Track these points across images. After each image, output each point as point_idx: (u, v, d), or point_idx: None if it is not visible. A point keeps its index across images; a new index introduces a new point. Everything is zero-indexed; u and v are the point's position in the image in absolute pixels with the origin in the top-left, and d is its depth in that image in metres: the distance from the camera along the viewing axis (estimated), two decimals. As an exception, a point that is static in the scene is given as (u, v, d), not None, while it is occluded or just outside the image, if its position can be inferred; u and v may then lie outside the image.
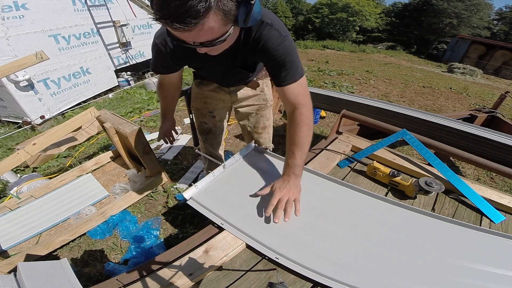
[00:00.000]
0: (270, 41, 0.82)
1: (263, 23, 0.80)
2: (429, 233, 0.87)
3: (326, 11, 23.09)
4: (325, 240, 0.84)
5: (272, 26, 0.81)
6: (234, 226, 0.88)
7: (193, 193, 1.00)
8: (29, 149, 1.62)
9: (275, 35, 0.81)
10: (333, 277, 0.73)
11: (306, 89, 0.94)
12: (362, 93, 5.23)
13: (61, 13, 3.68)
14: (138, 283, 0.76)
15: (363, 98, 2.14)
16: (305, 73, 0.94)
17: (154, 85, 4.79)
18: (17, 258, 1.45)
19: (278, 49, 0.83)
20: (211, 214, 0.93)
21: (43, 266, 0.76)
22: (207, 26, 0.56)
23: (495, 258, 0.80)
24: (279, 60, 0.85)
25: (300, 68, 0.90)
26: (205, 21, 0.54)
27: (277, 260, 0.77)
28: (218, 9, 0.54)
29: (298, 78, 0.89)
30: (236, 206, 0.95)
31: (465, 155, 1.28)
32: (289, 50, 0.84)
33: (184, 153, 2.76)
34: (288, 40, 0.84)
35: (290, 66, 0.86)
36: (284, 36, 0.83)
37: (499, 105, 2.32)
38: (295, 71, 0.87)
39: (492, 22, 23.37)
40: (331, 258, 0.78)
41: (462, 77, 9.61)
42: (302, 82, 0.91)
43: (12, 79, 3.13)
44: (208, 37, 0.61)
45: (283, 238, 0.84)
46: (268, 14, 0.82)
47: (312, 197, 1.00)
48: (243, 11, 0.59)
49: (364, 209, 0.96)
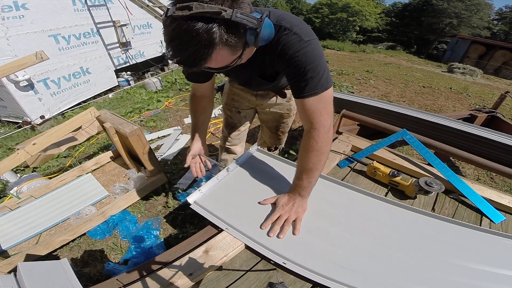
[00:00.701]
0: (288, 47, 0.74)
1: (280, 28, 0.74)
2: (429, 233, 0.87)
3: (326, 11, 23.09)
4: (325, 241, 0.84)
5: (290, 30, 0.73)
6: (238, 231, 0.88)
7: (197, 197, 1.00)
8: (29, 149, 1.62)
9: (293, 40, 0.73)
10: (333, 277, 0.73)
11: (328, 106, 0.81)
12: (362, 93, 5.23)
13: (61, 13, 3.68)
14: (138, 283, 0.76)
15: (363, 98, 2.14)
16: (332, 86, 0.80)
17: (154, 85, 4.79)
18: (17, 258, 1.45)
19: (296, 56, 0.74)
20: (216, 218, 0.92)
21: (43, 266, 0.76)
22: (216, 60, 0.60)
23: (495, 258, 0.80)
24: (297, 68, 0.75)
25: (325, 80, 0.77)
26: (213, 58, 0.59)
27: (285, 265, 0.76)
28: (224, 45, 0.57)
29: (320, 91, 0.77)
30: (240, 210, 0.95)
31: (465, 155, 1.28)
32: (311, 57, 0.74)
33: (184, 153, 2.75)
34: (311, 45, 0.74)
35: (311, 76, 0.75)
36: (305, 41, 0.73)
37: (499, 105, 2.32)
38: (317, 82, 0.76)
39: (492, 22, 23.38)
40: (331, 258, 0.78)
41: (462, 77, 9.61)
42: (324, 97, 0.78)
43: (12, 79, 3.13)
44: (220, 65, 0.65)
45: (283, 240, 0.84)
46: (287, 17, 0.77)
47: (311, 197, 1.00)
48: (250, 38, 0.61)
49: (364, 209, 0.96)
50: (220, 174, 1.10)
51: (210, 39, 0.53)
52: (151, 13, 3.66)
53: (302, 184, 0.88)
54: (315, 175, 0.87)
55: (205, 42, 0.53)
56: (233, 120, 1.44)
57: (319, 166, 0.86)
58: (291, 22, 0.75)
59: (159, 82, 4.87)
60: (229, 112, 1.42)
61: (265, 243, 0.82)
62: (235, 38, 0.58)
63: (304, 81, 0.76)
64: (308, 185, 0.89)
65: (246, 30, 0.59)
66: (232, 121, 1.44)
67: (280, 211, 0.88)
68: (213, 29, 0.53)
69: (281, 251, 0.80)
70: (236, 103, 1.37)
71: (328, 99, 0.80)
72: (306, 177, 0.87)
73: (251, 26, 0.58)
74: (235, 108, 1.39)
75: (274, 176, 1.09)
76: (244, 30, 0.59)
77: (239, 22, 0.55)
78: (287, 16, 0.77)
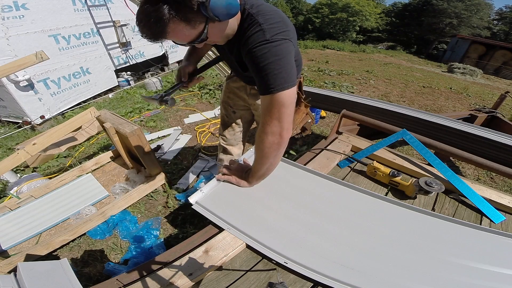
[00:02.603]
0: (251, 40, 0.76)
1: (253, 21, 0.76)
2: (430, 232, 0.87)
3: (326, 11, 23.09)
4: (326, 240, 0.84)
5: (261, 25, 0.74)
6: (239, 230, 0.88)
7: (199, 198, 1.00)
8: (29, 149, 1.62)
9: (258, 35, 0.74)
10: (334, 276, 0.73)
11: (282, 110, 0.76)
12: (362, 93, 5.23)
13: (61, 13, 3.68)
14: (138, 283, 0.76)
15: (363, 98, 2.14)
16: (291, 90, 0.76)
17: (154, 85, 4.79)
18: (17, 258, 1.45)
19: (255, 51, 0.74)
20: (217, 218, 0.92)
21: (43, 266, 0.76)
22: (175, 34, 0.68)
23: (496, 257, 0.80)
24: (254, 62, 0.76)
25: (282, 81, 0.74)
26: (170, 33, 0.66)
27: (286, 264, 0.77)
28: (178, 20, 0.64)
29: (275, 91, 0.74)
30: (241, 210, 0.95)
31: (465, 155, 1.28)
32: (269, 56, 0.73)
33: (184, 153, 2.75)
34: (274, 45, 0.73)
35: (266, 74, 0.74)
36: (268, 38, 0.73)
37: (499, 105, 2.32)
38: (271, 82, 0.74)
39: (492, 22, 23.35)
40: (332, 257, 0.78)
41: (462, 77, 9.61)
42: (277, 100, 0.75)
43: (12, 79, 3.13)
44: (185, 39, 0.71)
45: (284, 239, 0.84)
46: (267, 12, 0.78)
47: (312, 197, 1.00)
48: (206, 12, 0.65)
49: (364, 209, 0.96)
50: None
51: (158, 16, 0.62)
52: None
53: (252, 173, 0.99)
54: (259, 175, 0.97)
55: (155, 19, 0.62)
56: (228, 120, 1.45)
57: (263, 169, 0.93)
58: (267, 19, 0.76)
59: (159, 82, 4.87)
60: (224, 110, 1.44)
61: (267, 243, 0.82)
62: (190, 14, 0.64)
63: (260, 78, 0.77)
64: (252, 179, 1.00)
65: (199, 5, 0.63)
66: (228, 120, 1.45)
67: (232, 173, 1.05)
68: (160, 8, 0.61)
69: (283, 250, 0.80)
70: (231, 101, 1.38)
71: (284, 103, 0.76)
72: (252, 173, 0.98)
73: (201, 1, 0.62)
74: (231, 107, 1.40)
75: (274, 176, 1.09)
76: (197, 5, 0.63)
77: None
78: (268, 11, 0.78)
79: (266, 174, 0.98)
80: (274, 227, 0.88)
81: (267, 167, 0.92)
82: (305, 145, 2.83)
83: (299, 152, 2.63)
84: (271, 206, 0.96)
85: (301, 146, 2.81)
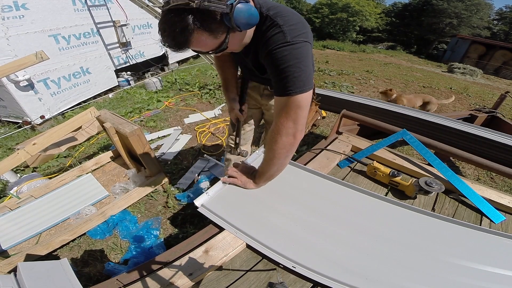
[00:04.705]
0: (271, 42, 0.76)
1: (273, 22, 0.76)
2: (429, 232, 0.87)
3: (326, 11, 23.06)
4: (325, 240, 0.84)
5: (281, 27, 0.75)
6: (243, 232, 0.87)
7: (204, 201, 0.99)
8: (29, 149, 1.62)
9: (279, 37, 0.75)
10: (333, 277, 0.73)
11: (298, 112, 0.78)
12: (362, 93, 5.23)
13: (61, 13, 3.67)
14: (138, 283, 0.76)
15: (363, 98, 2.14)
16: (308, 93, 0.77)
17: (154, 85, 4.78)
18: (17, 258, 1.45)
19: (275, 52, 0.75)
20: (224, 222, 0.91)
21: (43, 266, 0.76)
22: (198, 44, 0.69)
23: (496, 257, 0.80)
24: (274, 64, 0.76)
25: (301, 84, 0.75)
26: (194, 42, 0.68)
27: (294, 268, 0.76)
28: (201, 31, 0.66)
29: (293, 94, 0.75)
30: (248, 214, 0.94)
31: (465, 155, 1.28)
32: (290, 58, 0.74)
33: (184, 153, 2.75)
34: (295, 47, 0.74)
35: (286, 76, 0.75)
36: (289, 42, 0.73)
37: (499, 105, 2.32)
38: (290, 84, 0.75)
39: (492, 22, 23.34)
40: (331, 257, 0.78)
41: (462, 77, 9.60)
42: (294, 102, 0.77)
43: (12, 79, 3.13)
44: (208, 48, 0.73)
45: (284, 239, 0.84)
46: (286, 14, 0.78)
47: (312, 197, 1.00)
48: (229, 23, 0.67)
49: (364, 209, 0.96)
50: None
51: (183, 26, 0.63)
52: (151, 13, 3.66)
53: (260, 174, 0.99)
54: (268, 176, 0.98)
55: (180, 29, 0.63)
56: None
57: (272, 170, 0.94)
58: (286, 20, 0.76)
59: (159, 82, 4.87)
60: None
61: (267, 243, 0.82)
62: (213, 24, 0.66)
63: (279, 80, 0.77)
64: (259, 180, 1.00)
65: (222, 15, 0.65)
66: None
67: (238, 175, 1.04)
68: (185, 18, 0.62)
69: (283, 250, 0.80)
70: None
71: (300, 105, 0.77)
72: (260, 174, 0.99)
73: (225, 12, 0.64)
74: None
75: (281, 178, 1.08)
76: (220, 16, 0.65)
77: (208, 9, 0.62)
78: (286, 13, 0.78)
79: (274, 175, 0.98)
80: (274, 227, 0.88)
81: (277, 167, 0.93)
82: (305, 145, 2.83)
83: (299, 152, 2.63)
84: (272, 207, 0.96)
85: (301, 146, 2.81)
